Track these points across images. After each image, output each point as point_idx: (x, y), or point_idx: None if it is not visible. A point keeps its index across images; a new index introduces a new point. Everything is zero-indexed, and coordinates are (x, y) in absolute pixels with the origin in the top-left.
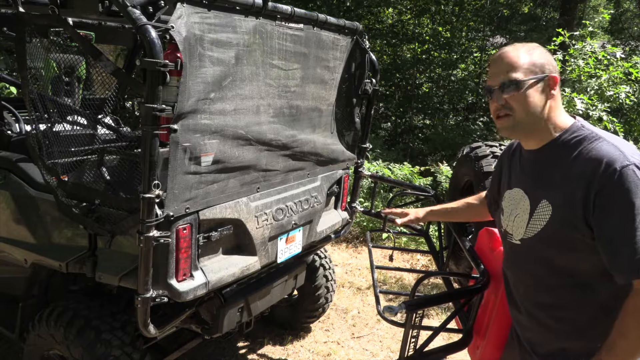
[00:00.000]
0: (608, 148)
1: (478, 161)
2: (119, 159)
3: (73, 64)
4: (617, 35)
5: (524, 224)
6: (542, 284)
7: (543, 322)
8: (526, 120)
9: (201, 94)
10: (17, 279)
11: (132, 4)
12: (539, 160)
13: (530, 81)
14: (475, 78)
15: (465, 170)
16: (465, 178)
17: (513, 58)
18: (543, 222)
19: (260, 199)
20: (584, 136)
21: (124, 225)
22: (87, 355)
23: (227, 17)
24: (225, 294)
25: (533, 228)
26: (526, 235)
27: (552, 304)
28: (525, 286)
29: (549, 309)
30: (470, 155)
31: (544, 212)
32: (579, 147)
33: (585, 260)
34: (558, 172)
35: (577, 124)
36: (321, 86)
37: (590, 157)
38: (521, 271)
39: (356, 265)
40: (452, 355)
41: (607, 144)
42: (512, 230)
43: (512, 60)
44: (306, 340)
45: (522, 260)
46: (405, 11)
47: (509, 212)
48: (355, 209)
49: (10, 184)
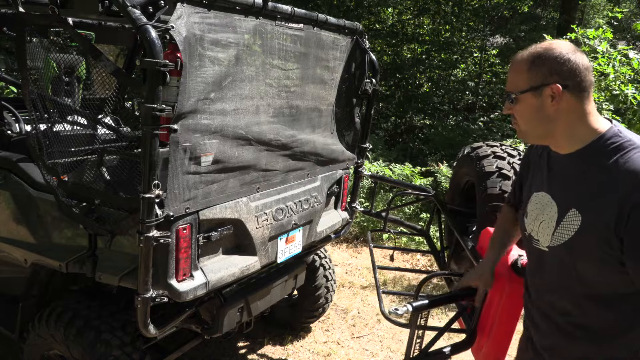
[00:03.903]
0: None
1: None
2: (119, 159)
3: (73, 64)
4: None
5: (550, 231)
6: (566, 291)
7: (563, 328)
8: (530, 130)
9: (201, 94)
10: (17, 279)
11: (132, 4)
12: (569, 166)
13: (526, 94)
14: (475, 78)
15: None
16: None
17: (514, 69)
18: (571, 231)
19: (260, 199)
20: (619, 144)
21: (124, 225)
22: (87, 355)
23: (227, 17)
24: (225, 294)
25: (560, 237)
26: (552, 243)
27: (574, 312)
28: (549, 292)
29: (571, 316)
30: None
31: (572, 221)
32: (614, 156)
33: (612, 273)
34: (590, 181)
35: (613, 129)
36: (321, 86)
37: (626, 168)
38: (546, 277)
39: (356, 265)
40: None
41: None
42: (538, 236)
43: (513, 72)
44: (306, 340)
45: (548, 266)
46: (406, 11)
47: (534, 216)
48: (355, 209)
49: (11, 184)
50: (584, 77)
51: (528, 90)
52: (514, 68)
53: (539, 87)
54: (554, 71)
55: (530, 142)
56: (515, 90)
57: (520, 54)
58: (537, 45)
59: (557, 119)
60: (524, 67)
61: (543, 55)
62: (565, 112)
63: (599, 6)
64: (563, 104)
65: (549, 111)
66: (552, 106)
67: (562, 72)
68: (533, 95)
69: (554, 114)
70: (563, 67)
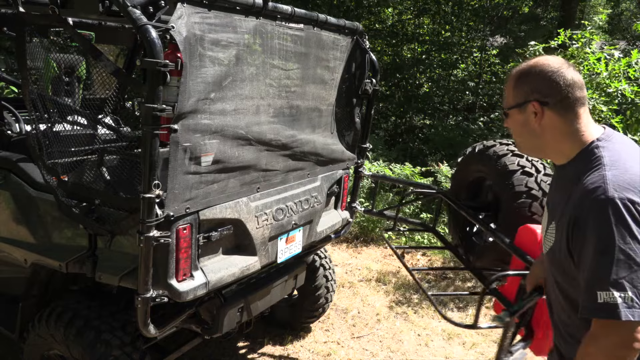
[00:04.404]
0: (597, 178)
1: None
2: (119, 159)
3: (73, 64)
4: (620, 35)
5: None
6: (557, 300)
7: (563, 334)
8: (522, 143)
9: (201, 94)
10: (17, 279)
11: (133, 4)
12: (559, 178)
13: (513, 110)
14: (475, 78)
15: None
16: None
17: (506, 85)
18: (550, 242)
19: (260, 199)
20: (589, 160)
21: (124, 225)
22: (87, 355)
23: (228, 17)
24: (225, 294)
25: (546, 246)
26: (544, 250)
27: (564, 321)
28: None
29: (564, 324)
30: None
31: (551, 232)
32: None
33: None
34: (563, 195)
35: (595, 143)
36: (321, 86)
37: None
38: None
39: (356, 265)
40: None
41: (600, 173)
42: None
43: (506, 88)
44: (306, 340)
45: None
46: (406, 11)
47: (544, 224)
48: (355, 209)
49: (11, 184)
50: (566, 94)
51: (514, 107)
52: (507, 84)
53: (522, 103)
54: (534, 89)
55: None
56: (506, 106)
57: (513, 71)
58: (527, 61)
59: (542, 134)
60: (512, 83)
61: (528, 73)
62: (549, 128)
63: (599, 6)
64: (546, 120)
65: (533, 127)
66: (535, 122)
67: (543, 89)
68: (519, 112)
69: (538, 129)
70: (544, 84)
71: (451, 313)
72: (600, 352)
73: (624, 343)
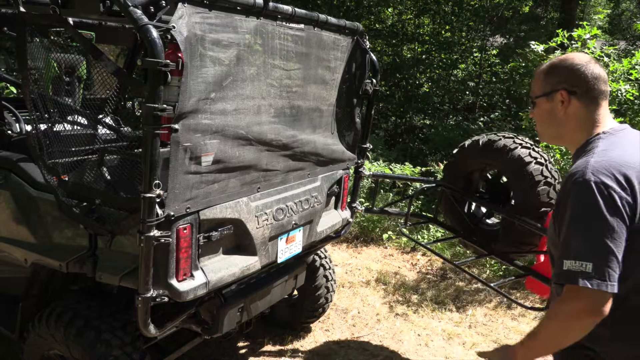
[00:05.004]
0: (581, 163)
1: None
2: (120, 159)
3: (74, 63)
4: (620, 35)
5: None
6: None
7: None
8: (544, 131)
9: (202, 93)
10: (18, 279)
11: (134, 4)
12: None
13: (541, 99)
14: (475, 78)
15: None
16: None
17: (535, 78)
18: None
19: (260, 198)
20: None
21: (125, 225)
22: (87, 355)
23: (228, 17)
24: (225, 294)
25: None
26: None
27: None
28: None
29: None
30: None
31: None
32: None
33: None
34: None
35: (599, 135)
36: (322, 86)
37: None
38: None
39: (356, 265)
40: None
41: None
42: None
43: (534, 80)
44: (306, 340)
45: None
46: (406, 11)
47: None
48: (355, 209)
49: (11, 184)
50: (592, 85)
51: (542, 96)
52: (535, 77)
53: (550, 92)
54: (564, 79)
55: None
56: (534, 96)
57: (541, 65)
58: (556, 57)
59: (566, 123)
60: (542, 75)
61: (558, 65)
62: (573, 117)
63: (599, 5)
64: (571, 109)
65: (559, 115)
66: (561, 110)
67: (571, 80)
68: (546, 100)
69: (563, 117)
70: (573, 75)
71: (450, 313)
72: (563, 314)
73: (585, 309)
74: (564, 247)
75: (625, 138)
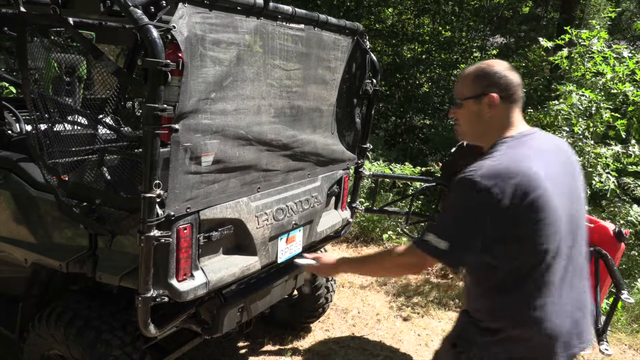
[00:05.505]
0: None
1: None
2: (120, 159)
3: (74, 63)
4: (622, 35)
5: None
6: None
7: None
8: (468, 131)
9: (202, 93)
10: (18, 279)
11: (134, 4)
12: None
13: (468, 101)
14: None
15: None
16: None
17: (461, 81)
18: None
19: (260, 199)
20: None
21: (125, 225)
22: (87, 355)
23: (229, 17)
24: (225, 294)
25: None
26: None
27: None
28: None
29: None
30: None
31: None
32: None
33: None
34: None
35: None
36: (322, 86)
37: None
38: None
39: None
40: None
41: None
42: None
43: (460, 83)
44: (306, 340)
45: None
46: (406, 11)
47: None
48: (355, 209)
49: (11, 184)
50: (514, 91)
51: (471, 98)
52: (461, 79)
53: (480, 95)
54: (492, 84)
55: (468, 141)
56: (462, 97)
57: (467, 69)
58: (480, 62)
59: (490, 124)
60: (470, 78)
61: (486, 70)
62: (496, 119)
63: (599, 5)
64: (496, 112)
65: (485, 116)
66: (487, 112)
67: (499, 85)
68: (474, 102)
69: (488, 119)
70: (500, 80)
71: (451, 313)
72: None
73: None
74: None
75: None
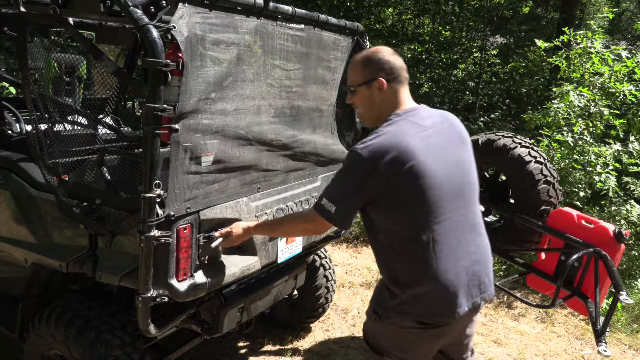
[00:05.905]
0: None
1: (511, 151)
2: (120, 159)
3: (74, 63)
4: (621, 35)
5: None
6: None
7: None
8: (366, 115)
9: (202, 93)
10: (18, 279)
11: (134, 4)
12: None
13: (360, 87)
14: (475, 78)
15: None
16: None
17: (351, 69)
18: None
19: (260, 199)
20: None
21: (125, 225)
22: (87, 355)
23: (229, 18)
24: (225, 294)
25: None
26: None
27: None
28: None
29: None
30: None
31: None
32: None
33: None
34: None
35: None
36: (322, 86)
37: None
38: None
39: (356, 265)
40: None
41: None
42: None
43: (350, 71)
44: (306, 340)
45: None
46: (406, 11)
47: None
48: None
49: (11, 184)
50: (399, 73)
51: (363, 84)
52: (351, 68)
53: (370, 80)
54: (379, 69)
55: (367, 125)
56: (355, 84)
57: (355, 57)
58: (368, 49)
59: (381, 105)
60: (360, 66)
61: (372, 57)
62: (387, 100)
63: (599, 5)
64: (385, 94)
65: (377, 99)
66: (378, 95)
67: (385, 70)
68: (366, 87)
69: (380, 101)
70: (386, 65)
71: None
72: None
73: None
74: (328, 188)
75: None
